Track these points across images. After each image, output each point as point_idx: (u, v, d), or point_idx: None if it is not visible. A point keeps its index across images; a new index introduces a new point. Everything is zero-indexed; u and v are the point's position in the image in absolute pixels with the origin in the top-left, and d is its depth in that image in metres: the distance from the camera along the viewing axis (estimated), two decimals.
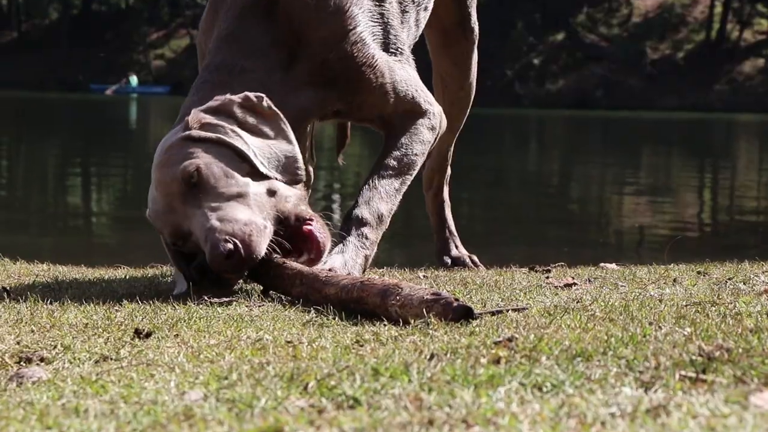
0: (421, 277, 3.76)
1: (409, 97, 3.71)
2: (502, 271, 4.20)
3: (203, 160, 3.19)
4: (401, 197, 3.59)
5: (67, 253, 6.36)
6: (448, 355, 1.99)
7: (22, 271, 4.09)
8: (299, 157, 3.36)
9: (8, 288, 3.35)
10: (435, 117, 3.79)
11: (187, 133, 3.27)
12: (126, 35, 66.50)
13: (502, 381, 1.76)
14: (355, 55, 3.56)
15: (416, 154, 3.67)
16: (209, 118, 3.30)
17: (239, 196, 3.14)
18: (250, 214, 3.08)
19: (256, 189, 3.18)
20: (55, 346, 2.34)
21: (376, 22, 3.67)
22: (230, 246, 2.95)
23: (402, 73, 3.72)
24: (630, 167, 19.66)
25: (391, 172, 3.58)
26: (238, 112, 3.33)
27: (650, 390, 1.68)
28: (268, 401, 1.71)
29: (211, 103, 3.34)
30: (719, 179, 18.16)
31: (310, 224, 3.16)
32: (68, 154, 20.22)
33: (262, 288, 3.15)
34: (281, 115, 3.37)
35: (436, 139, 3.84)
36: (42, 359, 2.22)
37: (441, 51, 4.52)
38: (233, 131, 3.30)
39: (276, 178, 3.27)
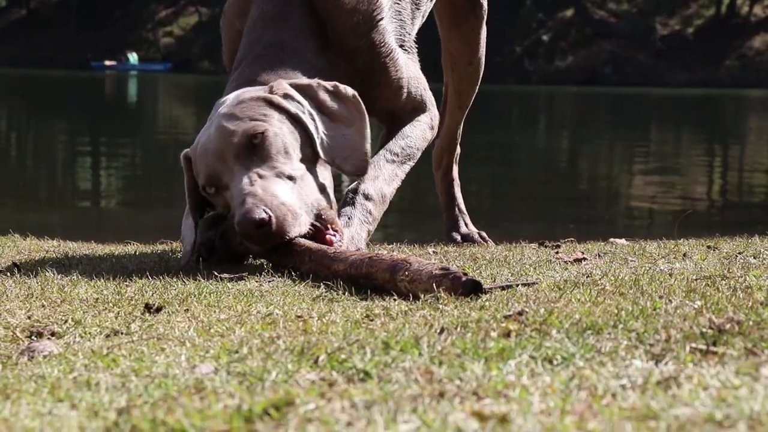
0: (431, 253, 3.76)
1: (419, 96, 3.81)
2: (511, 246, 4.19)
3: (273, 127, 3.23)
4: (400, 184, 3.64)
5: (77, 230, 6.38)
6: (459, 329, 1.98)
7: (33, 247, 4.10)
8: (368, 152, 3.40)
9: (19, 263, 3.36)
10: (435, 119, 3.89)
11: (269, 95, 3.29)
12: (135, 13, 66.42)
13: (512, 354, 1.76)
14: (381, 46, 3.62)
15: (417, 148, 3.74)
16: (293, 92, 3.34)
17: (289, 178, 3.16)
18: (291, 198, 3.10)
19: (308, 179, 3.22)
20: (66, 321, 2.35)
21: (395, 17, 3.72)
22: (265, 216, 2.97)
23: (415, 71, 3.82)
24: (639, 144, 19.62)
25: (394, 158, 3.64)
26: (322, 96, 3.38)
27: (661, 362, 1.67)
28: (278, 375, 1.71)
29: (298, 81, 3.39)
30: (729, 155, 18.11)
31: (334, 236, 3.16)
32: (72, 132, 20.23)
33: (271, 264, 3.15)
34: (363, 108, 3.43)
35: (432, 140, 3.91)
36: (53, 333, 2.23)
37: (450, 28, 4.52)
38: (311, 114, 3.34)
39: (339, 167, 3.33)
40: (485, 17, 4.55)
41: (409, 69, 3.75)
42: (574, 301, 2.28)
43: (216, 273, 2.99)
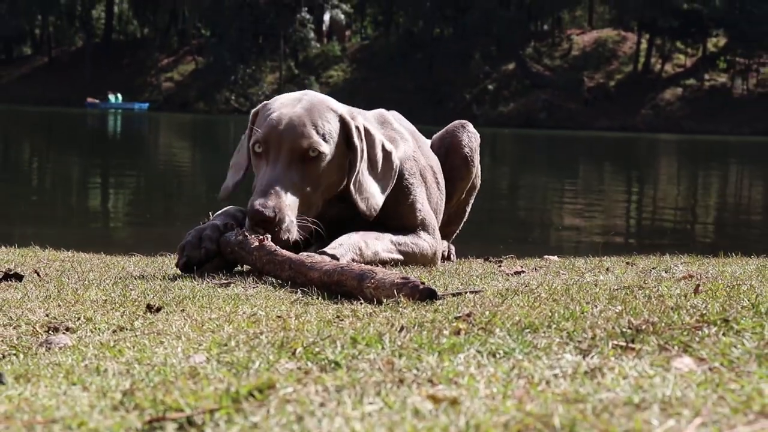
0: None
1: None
2: (461, 261, 4.20)
3: (331, 150, 3.28)
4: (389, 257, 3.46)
5: (88, 243, 6.32)
6: (416, 327, 1.98)
7: (50, 257, 4.06)
8: (380, 205, 3.42)
9: (39, 270, 3.32)
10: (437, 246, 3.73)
11: (350, 120, 3.35)
12: (141, 61, 66.16)
13: (462, 348, 1.75)
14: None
15: (412, 254, 3.58)
16: (363, 131, 3.39)
17: (303, 195, 3.21)
18: (293, 210, 3.18)
19: (312, 198, 3.25)
20: (79, 318, 2.32)
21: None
22: (269, 215, 3.10)
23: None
24: (569, 178, 19.73)
25: (393, 246, 3.50)
26: (377, 147, 3.43)
27: (587, 356, 1.68)
28: (261, 364, 1.70)
29: (371, 126, 3.47)
30: (644, 188, 18.26)
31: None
32: (79, 161, 20.05)
33: (256, 272, 3.14)
34: (396, 176, 3.50)
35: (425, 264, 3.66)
36: (67, 329, 2.21)
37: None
38: (374, 146, 3.41)
39: (355, 202, 3.35)
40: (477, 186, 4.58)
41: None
42: (514, 305, 2.28)
43: (208, 279, 2.98)
